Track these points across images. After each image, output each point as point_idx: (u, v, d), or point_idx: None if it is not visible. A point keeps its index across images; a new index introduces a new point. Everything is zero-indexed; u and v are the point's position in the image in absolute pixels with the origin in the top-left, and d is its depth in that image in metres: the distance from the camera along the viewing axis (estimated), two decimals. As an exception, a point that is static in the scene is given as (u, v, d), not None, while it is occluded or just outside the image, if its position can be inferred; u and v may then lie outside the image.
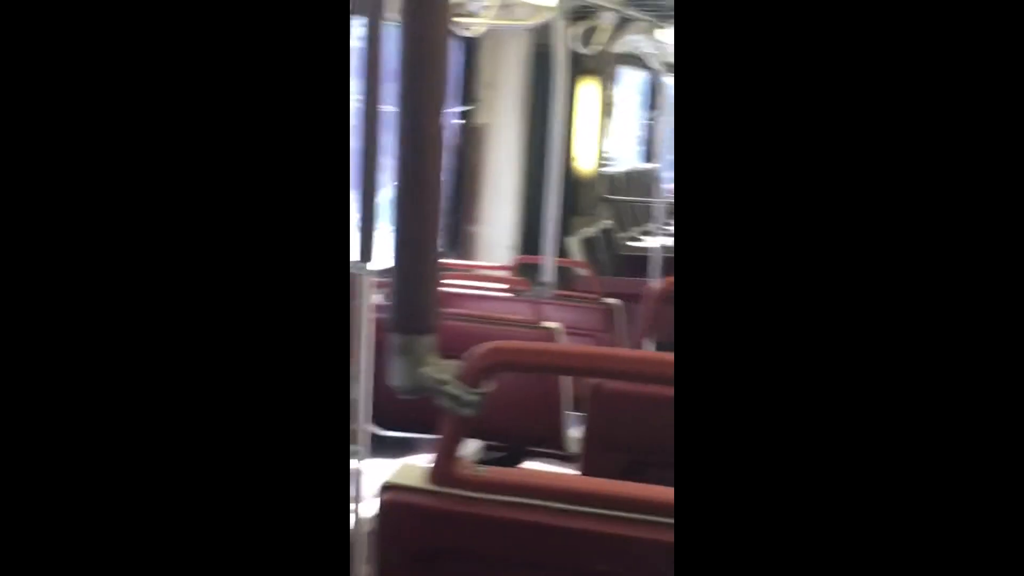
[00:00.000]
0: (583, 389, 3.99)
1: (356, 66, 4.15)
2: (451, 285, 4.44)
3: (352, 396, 2.96)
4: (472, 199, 6.44)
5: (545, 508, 1.39)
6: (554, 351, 1.92)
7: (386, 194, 3.04)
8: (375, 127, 2.99)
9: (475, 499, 1.42)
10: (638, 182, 9.72)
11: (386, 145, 3.10)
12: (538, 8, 4.66)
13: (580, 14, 4.69)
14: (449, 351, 1.44)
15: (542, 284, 4.41)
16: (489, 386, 1.39)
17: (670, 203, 6.49)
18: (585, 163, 6.68)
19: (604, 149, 6.86)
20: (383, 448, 3.45)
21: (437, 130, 1.34)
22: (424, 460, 3.13)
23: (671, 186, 6.35)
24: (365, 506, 3.07)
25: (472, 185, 6.44)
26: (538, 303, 4.32)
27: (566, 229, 5.68)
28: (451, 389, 1.37)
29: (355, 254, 3.03)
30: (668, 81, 7.11)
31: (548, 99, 5.80)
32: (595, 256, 5.97)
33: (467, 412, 1.38)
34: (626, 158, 10.31)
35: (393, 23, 3.55)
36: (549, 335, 3.75)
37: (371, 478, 3.06)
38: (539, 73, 5.88)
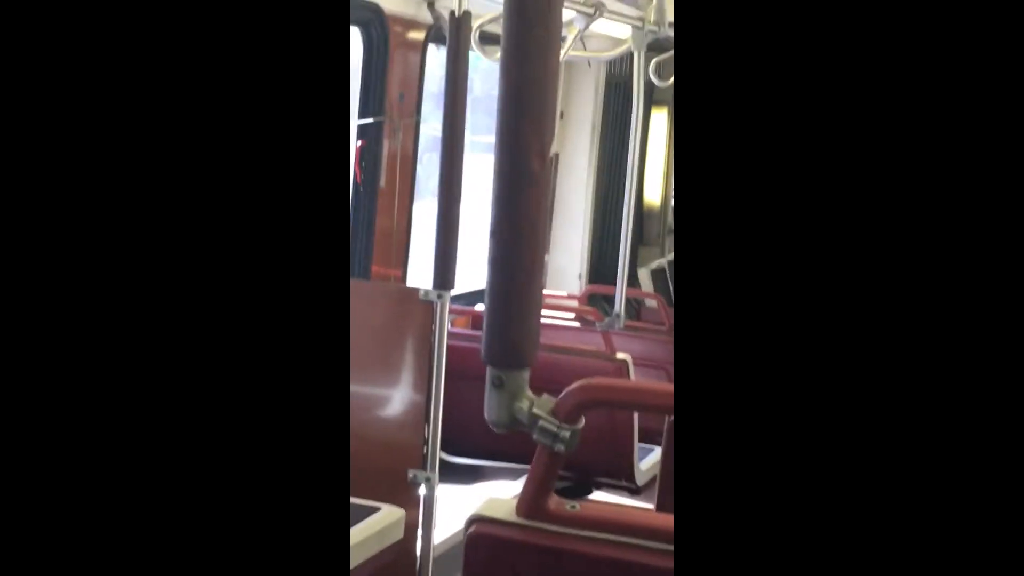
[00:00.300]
0: (649, 421, 3.98)
1: (436, 95, 4.21)
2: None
3: (427, 422, 2.98)
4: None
5: (638, 546, 1.36)
6: (644, 389, 1.89)
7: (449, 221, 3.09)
8: (457, 157, 3.01)
9: (565, 534, 1.40)
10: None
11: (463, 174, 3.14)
12: (615, 40, 4.65)
13: (654, 47, 4.67)
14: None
15: (614, 315, 4.39)
16: (581, 422, 1.37)
17: None
18: (653, 194, 6.68)
19: (672, 180, 6.84)
20: (450, 474, 3.44)
21: (542, 165, 1.32)
22: (498, 489, 3.09)
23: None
24: (438, 532, 3.10)
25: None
26: (609, 334, 4.30)
27: (635, 259, 5.68)
28: (547, 425, 1.35)
29: (429, 282, 3.05)
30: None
31: (621, 129, 5.84)
32: (664, 287, 5.93)
33: (561, 448, 1.36)
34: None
35: (478, 53, 3.60)
36: (622, 367, 3.75)
37: (444, 504, 3.08)
38: (612, 104, 5.90)
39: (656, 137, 6.54)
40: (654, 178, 6.66)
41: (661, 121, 6.64)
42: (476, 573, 1.45)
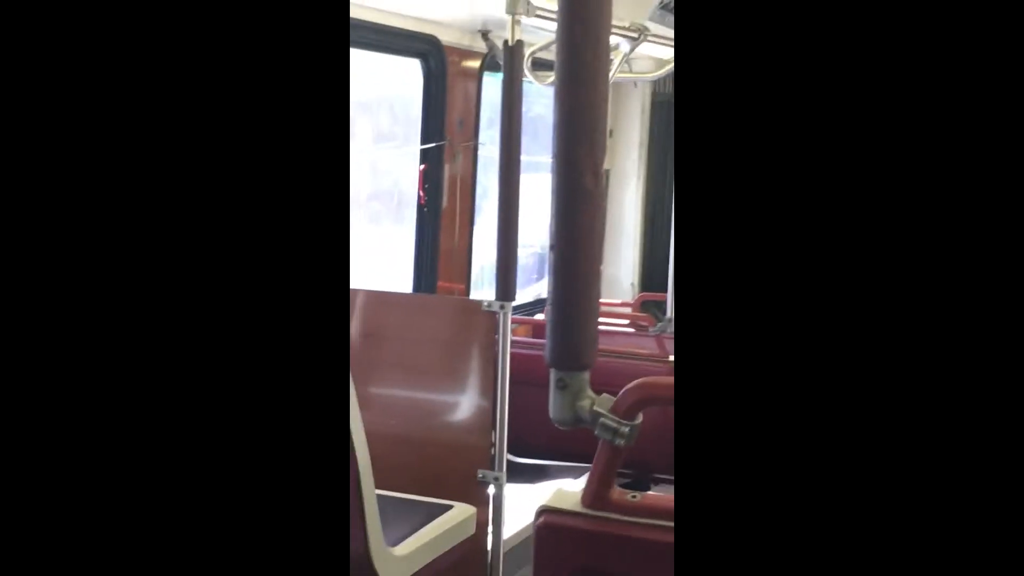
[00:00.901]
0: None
1: (491, 118, 4.23)
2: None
3: (494, 426, 3.01)
4: (596, 239, 6.36)
5: None
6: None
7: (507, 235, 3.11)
8: (514, 177, 3.03)
9: (627, 522, 1.43)
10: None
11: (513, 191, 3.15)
12: (658, 61, 4.66)
13: (698, 66, 4.69)
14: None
15: (665, 320, 4.39)
16: (639, 418, 1.40)
17: None
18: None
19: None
20: (516, 473, 3.46)
21: (595, 183, 1.35)
22: (563, 485, 3.12)
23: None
24: (507, 528, 3.13)
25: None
26: (661, 337, 4.31)
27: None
28: (607, 422, 1.39)
29: (491, 294, 3.08)
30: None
31: (667, 145, 5.82)
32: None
33: (621, 443, 1.39)
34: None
35: (530, 80, 3.62)
36: (664, 372, 3.76)
37: (511, 501, 3.10)
38: (658, 121, 5.89)
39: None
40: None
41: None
42: (545, 558, 1.48)
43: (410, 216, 4.22)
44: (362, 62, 3.90)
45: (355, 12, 3.52)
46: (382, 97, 4.27)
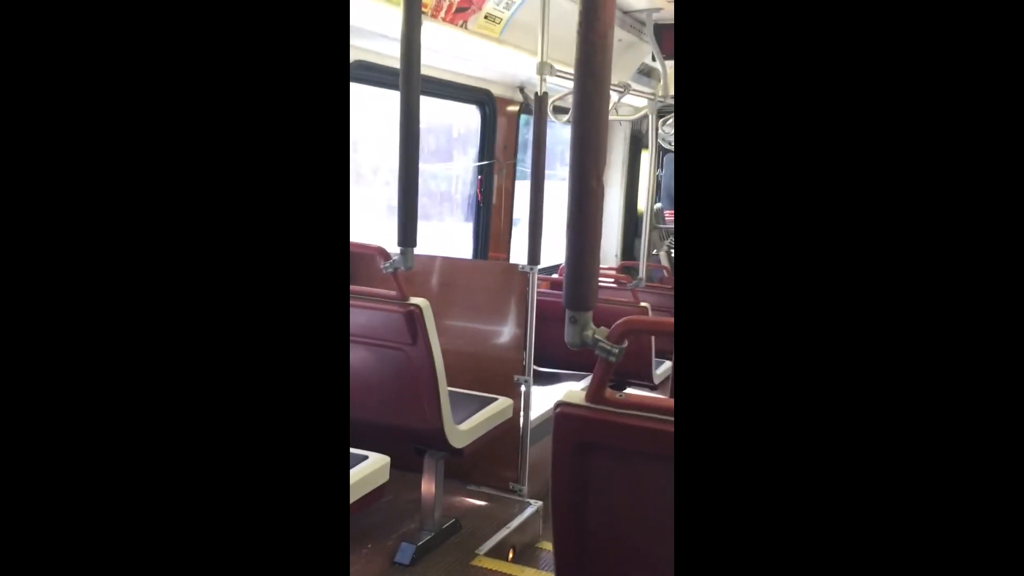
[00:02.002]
0: (661, 344, 3.96)
1: (524, 143, 4.20)
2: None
3: (524, 346, 3.00)
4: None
5: (659, 419, 1.36)
6: (661, 322, 1.88)
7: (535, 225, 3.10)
8: (540, 183, 3.01)
9: (615, 412, 1.40)
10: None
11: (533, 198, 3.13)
12: (636, 108, 4.58)
13: (663, 111, 4.62)
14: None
15: (638, 279, 4.35)
16: (625, 343, 1.37)
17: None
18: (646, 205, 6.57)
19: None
20: (538, 378, 3.45)
21: (598, 184, 1.32)
22: (574, 387, 3.08)
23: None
24: (532, 413, 3.13)
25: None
26: (635, 291, 4.27)
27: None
28: (604, 345, 1.36)
29: (523, 259, 3.06)
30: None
31: (639, 164, 5.76)
32: (671, 262, 5.84)
33: (613, 359, 1.36)
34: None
35: (552, 120, 3.58)
36: (644, 312, 3.76)
37: (535, 396, 3.10)
38: (633, 149, 5.82)
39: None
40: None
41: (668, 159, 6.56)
42: (560, 436, 1.45)
43: (467, 210, 4.20)
44: (452, 110, 3.89)
45: (437, 73, 3.49)
46: (470, 131, 4.21)
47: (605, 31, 1.28)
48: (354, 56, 2.98)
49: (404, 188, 2.31)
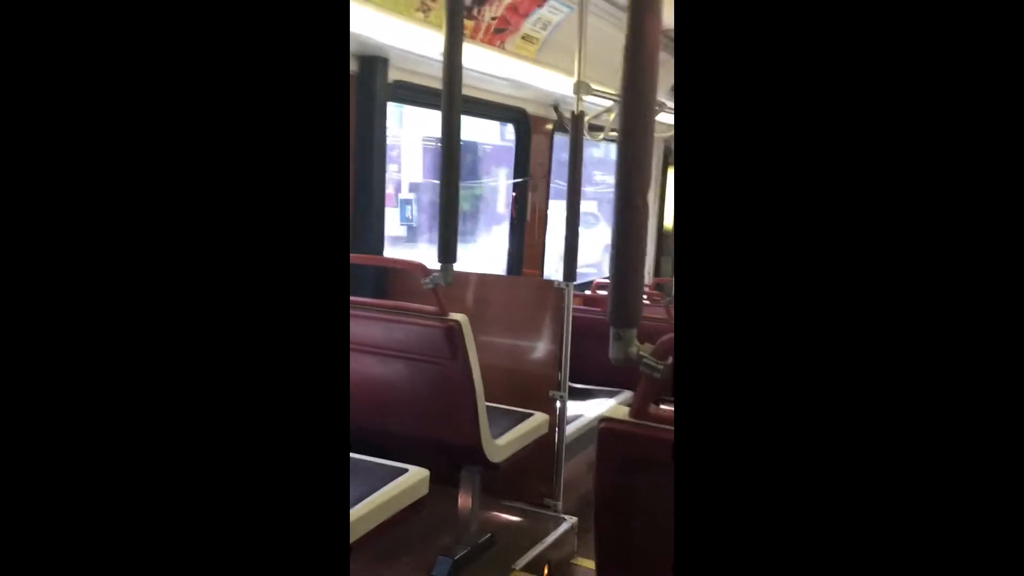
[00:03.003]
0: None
1: (560, 165, 4.22)
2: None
3: (560, 363, 3.00)
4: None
5: None
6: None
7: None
8: (576, 200, 3.02)
9: (660, 428, 1.39)
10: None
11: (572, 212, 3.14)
12: (668, 126, 4.59)
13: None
14: None
15: (672, 296, 4.33)
16: (670, 360, 1.37)
17: None
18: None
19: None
20: (572, 394, 3.45)
21: (643, 201, 1.32)
22: (607, 403, 3.06)
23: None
24: (568, 429, 3.13)
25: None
26: (668, 307, 4.25)
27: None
28: (648, 361, 1.35)
29: (559, 275, 3.07)
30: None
31: (666, 185, 5.78)
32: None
33: (658, 376, 1.35)
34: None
35: (587, 137, 3.59)
36: None
37: (570, 412, 3.09)
38: (662, 169, 5.82)
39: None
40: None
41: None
42: (604, 451, 1.45)
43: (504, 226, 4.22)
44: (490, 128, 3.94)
45: (476, 93, 3.53)
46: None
47: (652, 52, 1.29)
48: (394, 76, 3.02)
49: (445, 205, 2.33)
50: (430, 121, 4.23)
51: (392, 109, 3.08)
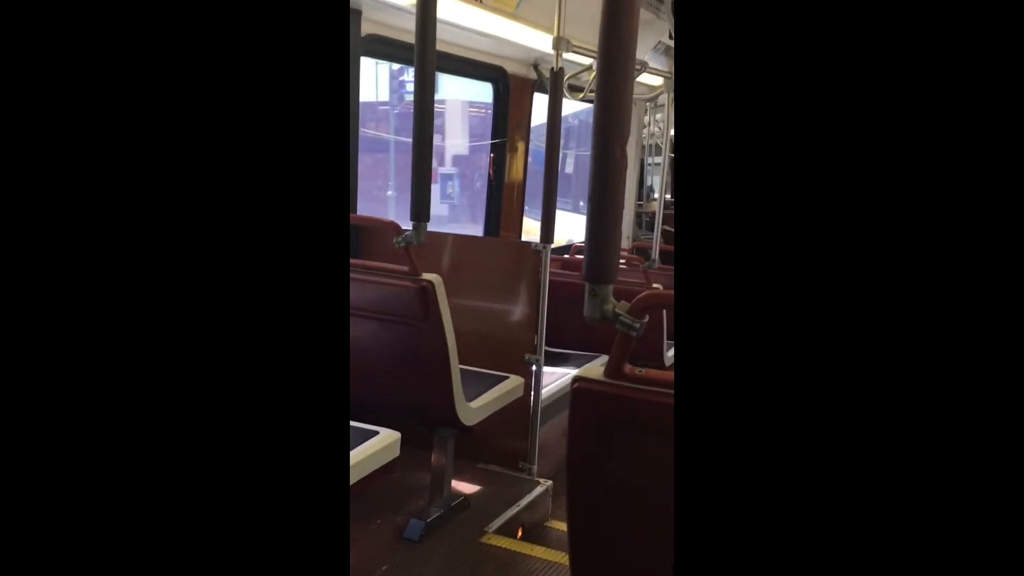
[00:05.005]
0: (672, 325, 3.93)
1: (539, 128, 4.15)
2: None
3: (536, 326, 2.96)
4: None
5: (671, 394, 1.32)
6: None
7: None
8: (555, 161, 2.96)
9: (635, 388, 1.36)
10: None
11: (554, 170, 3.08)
12: (651, 87, 4.51)
13: (677, 92, 4.57)
14: None
15: (651, 260, 4.31)
16: (646, 318, 1.33)
17: None
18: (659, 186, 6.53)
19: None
20: (549, 358, 3.43)
21: (622, 153, 1.26)
22: (586, 364, 3.06)
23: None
24: (544, 390, 3.11)
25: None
26: (647, 272, 4.23)
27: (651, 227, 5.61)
28: (624, 319, 1.31)
29: (536, 237, 3.02)
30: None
31: (655, 146, 5.69)
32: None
33: (634, 334, 1.31)
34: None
35: (567, 96, 3.52)
36: (657, 290, 3.71)
37: (547, 375, 3.07)
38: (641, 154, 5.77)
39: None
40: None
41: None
42: (577, 412, 1.41)
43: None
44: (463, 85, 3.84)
45: (452, 49, 3.43)
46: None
47: (632, 2, 1.22)
48: (367, 29, 2.92)
49: (417, 162, 2.26)
50: (476, 88, 4.08)
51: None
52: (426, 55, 2.20)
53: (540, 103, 4.00)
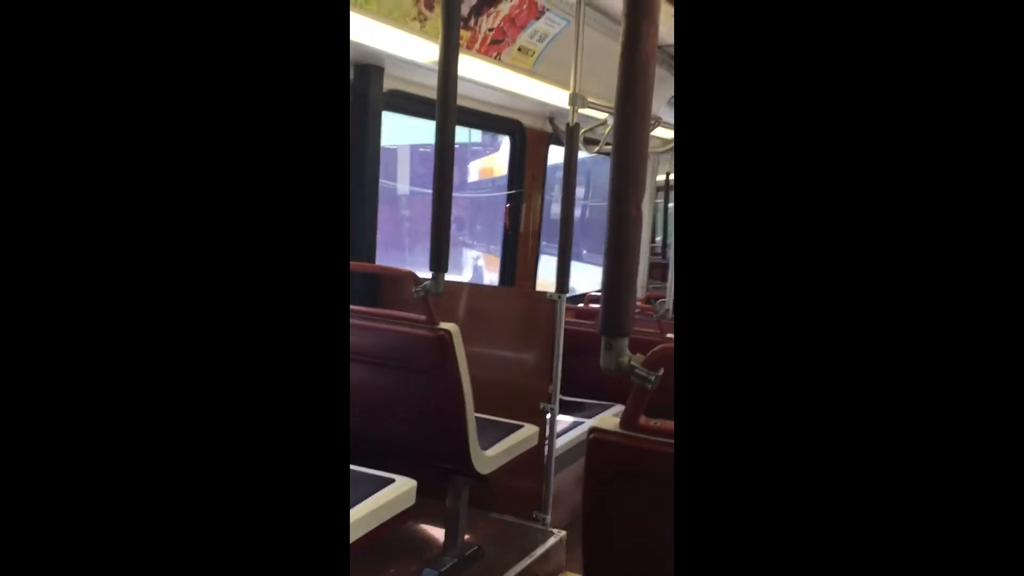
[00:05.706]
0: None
1: (555, 176, 4.23)
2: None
3: (551, 374, 2.97)
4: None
5: None
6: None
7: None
8: (570, 212, 3.01)
9: (651, 440, 1.37)
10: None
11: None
12: (665, 140, 4.59)
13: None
14: None
15: (664, 310, 4.32)
16: (661, 371, 1.35)
17: None
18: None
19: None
20: (563, 407, 3.43)
21: (638, 211, 1.30)
22: (603, 414, 3.03)
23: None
24: (558, 440, 3.10)
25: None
26: (661, 321, 4.24)
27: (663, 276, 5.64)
28: (640, 372, 1.33)
29: (552, 287, 3.05)
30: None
31: (665, 199, 5.77)
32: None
33: (649, 386, 1.33)
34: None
35: (584, 151, 3.60)
36: (670, 343, 3.71)
37: (561, 423, 3.07)
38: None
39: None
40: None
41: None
42: (593, 464, 1.43)
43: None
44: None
45: (472, 104, 3.52)
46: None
47: (647, 60, 1.27)
48: (389, 85, 3.02)
49: (437, 215, 2.32)
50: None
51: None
52: (447, 111, 2.27)
53: (555, 153, 4.09)
